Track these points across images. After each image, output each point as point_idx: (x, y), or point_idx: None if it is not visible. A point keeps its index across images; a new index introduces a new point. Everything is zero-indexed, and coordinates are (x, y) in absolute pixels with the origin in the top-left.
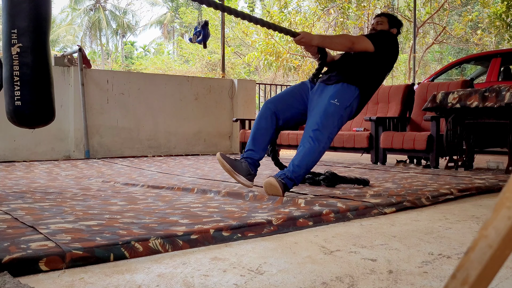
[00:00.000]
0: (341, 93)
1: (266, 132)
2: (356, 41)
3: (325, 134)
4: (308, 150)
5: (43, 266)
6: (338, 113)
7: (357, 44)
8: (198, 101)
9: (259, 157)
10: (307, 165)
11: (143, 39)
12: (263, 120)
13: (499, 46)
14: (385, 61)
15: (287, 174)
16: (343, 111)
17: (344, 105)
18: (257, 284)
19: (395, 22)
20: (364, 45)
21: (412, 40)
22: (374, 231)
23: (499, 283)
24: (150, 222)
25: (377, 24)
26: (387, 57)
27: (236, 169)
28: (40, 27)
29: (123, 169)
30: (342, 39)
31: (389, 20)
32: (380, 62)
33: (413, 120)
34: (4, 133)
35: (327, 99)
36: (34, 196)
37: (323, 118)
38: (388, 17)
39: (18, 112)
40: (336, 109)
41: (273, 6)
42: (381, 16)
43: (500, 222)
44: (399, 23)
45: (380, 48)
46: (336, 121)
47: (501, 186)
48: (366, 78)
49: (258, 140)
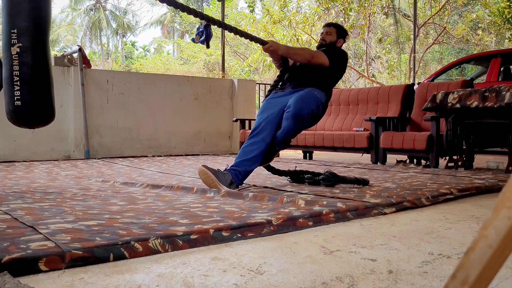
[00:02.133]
0: (315, 91)
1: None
2: (315, 56)
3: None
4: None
5: (43, 266)
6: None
7: (316, 59)
8: (198, 101)
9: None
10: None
11: (143, 39)
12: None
13: (499, 46)
14: (335, 74)
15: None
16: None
17: (321, 99)
18: (257, 284)
19: (342, 33)
20: (322, 60)
21: (413, 40)
22: (374, 231)
23: (499, 283)
24: (149, 222)
25: (326, 34)
26: (338, 70)
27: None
28: (40, 27)
29: (123, 169)
30: (305, 52)
31: (338, 31)
32: (332, 74)
33: (413, 120)
34: (4, 133)
35: (306, 90)
36: (34, 196)
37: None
38: (337, 27)
39: (18, 112)
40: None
41: (274, 6)
42: (330, 26)
43: (500, 222)
44: (345, 33)
45: (334, 63)
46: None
47: (501, 186)
48: (329, 85)
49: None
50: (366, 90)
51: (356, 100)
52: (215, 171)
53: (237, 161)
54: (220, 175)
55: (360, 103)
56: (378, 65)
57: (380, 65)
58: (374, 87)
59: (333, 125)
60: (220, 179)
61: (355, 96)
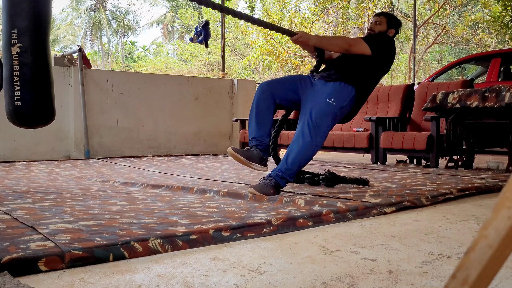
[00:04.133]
0: (338, 92)
1: (268, 112)
2: (353, 44)
3: (318, 132)
4: (302, 147)
5: (42, 266)
6: (333, 113)
7: (354, 47)
8: (198, 101)
9: (267, 141)
10: (300, 162)
11: (144, 39)
12: (262, 101)
13: (499, 46)
14: (381, 64)
15: (279, 173)
16: (338, 110)
17: (339, 105)
18: (257, 284)
19: (394, 22)
20: (361, 48)
21: (412, 40)
22: (374, 231)
23: (499, 283)
24: (149, 222)
25: (375, 24)
26: (383, 60)
27: (251, 158)
28: (40, 27)
29: (123, 169)
30: (340, 41)
31: (388, 20)
32: (377, 65)
33: (413, 120)
34: (4, 133)
35: (324, 98)
36: (33, 196)
37: (318, 117)
38: (387, 16)
39: (18, 112)
40: (331, 109)
41: (272, 6)
42: (380, 16)
43: (500, 222)
44: (398, 23)
45: (377, 52)
46: (330, 121)
47: (501, 186)
48: (363, 80)
49: (263, 122)
50: None
51: None
52: (243, 152)
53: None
54: (250, 154)
55: None
56: None
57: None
58: None
59: None
60: (251, 158)
61: None
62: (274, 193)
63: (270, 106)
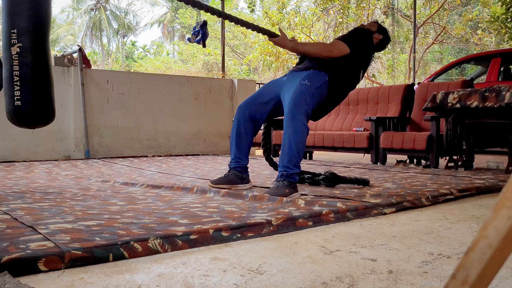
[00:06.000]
0: (311, 77)
1: (246, 136)
2: (331, 49)
3: (300, 110)
4: (291, 132)
5: (42, 266)
6: (310, 92)
7: (333, 52)
8: (198, 101)
9: (246, 162)
10: (297, 147)
11: (144, 39)
12: (241, 126)
13: (499, 46)
14: (358, 56)
15: (284, 169)
16: (315, 90)
17: (314, 85)
18: (257, 284)
19: (384, 32)
20: (340, 50)
21: (412, 40)
22: (374, 231)
23: (499, 283)
24: (149, 222)
25: (367, 25)
26: (361, 53)
27: (231, 182)
28: (40, 27)
29: (123, 169)
30: (317, 49)
31: (379, 27)
32: (352, 56)
33: (413, 120)
34: (4, 133)
35: (298, 81)
36: (33, 196)
37: (296, 97)
38: (380, 25)
39: (18, 112)
40: (307, 88)
41: (272, 7)
42: (375, 22)
43: (500, 222)
44: (387, 35)
45: (355, 47)
46: (309, 98)
47: (501, 186)
48: (335, 67)
49: (241, 144)
50: (366, 90)
51: (356, 100)
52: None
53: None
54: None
55: (360, 103)
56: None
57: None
58: (374, 87)
59: (333, 125)
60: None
61: (355, 96)
62: (290, 192)
63: (248, 130)
